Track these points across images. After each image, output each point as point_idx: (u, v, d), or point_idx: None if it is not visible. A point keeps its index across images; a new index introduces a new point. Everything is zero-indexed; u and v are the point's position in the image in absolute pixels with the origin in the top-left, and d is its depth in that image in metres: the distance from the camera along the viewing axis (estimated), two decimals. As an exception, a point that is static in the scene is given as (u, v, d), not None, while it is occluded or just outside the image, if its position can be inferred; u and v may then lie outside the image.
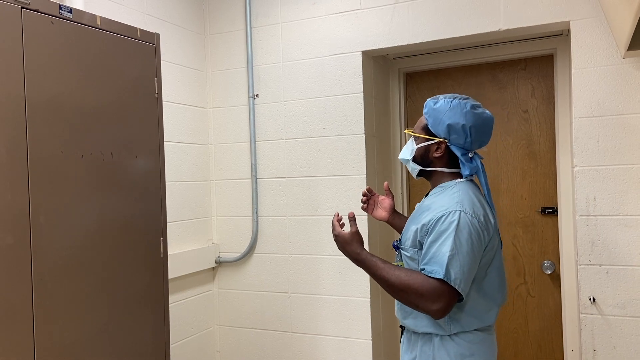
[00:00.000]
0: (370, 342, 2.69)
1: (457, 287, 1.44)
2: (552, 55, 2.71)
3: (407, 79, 3.06)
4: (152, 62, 1.99)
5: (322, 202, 2.79)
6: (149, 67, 1.97)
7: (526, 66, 2.79)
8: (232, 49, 2.99)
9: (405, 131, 2.86)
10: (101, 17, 1.77)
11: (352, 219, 1.63)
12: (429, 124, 1.63)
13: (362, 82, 2.69)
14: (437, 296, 1.44)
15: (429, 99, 1.67)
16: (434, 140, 1.63)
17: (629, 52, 2.10)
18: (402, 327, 1.72)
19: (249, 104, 2.93)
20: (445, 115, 1.59)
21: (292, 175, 2.85)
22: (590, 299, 2.28)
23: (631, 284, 2.23)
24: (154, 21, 2.67)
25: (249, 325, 2.98)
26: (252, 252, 2.96)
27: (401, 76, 3.04)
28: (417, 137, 1.68)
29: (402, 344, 1.72)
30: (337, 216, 1.67)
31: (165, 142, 2.11)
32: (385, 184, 1.95)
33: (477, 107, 1.61)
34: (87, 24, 1.72)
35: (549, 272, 2.74)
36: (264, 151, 2.92)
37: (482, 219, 1.52)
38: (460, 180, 1.62)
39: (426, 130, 1.65)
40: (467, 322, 1.54)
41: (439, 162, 1.65)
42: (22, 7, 1.52)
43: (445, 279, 1.43)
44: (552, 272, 2.73)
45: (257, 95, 2.93)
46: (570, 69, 2.39)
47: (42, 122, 1.57)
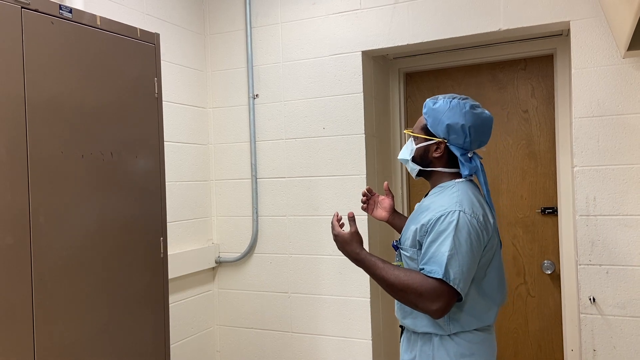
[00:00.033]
0: (370, 342, 2.70)
1: (456, 286, 1.44)
2: (552, 55, 2.71)
3: (407, 79, 3.06)
4: (152, 62, 1.99)
5: (322, 202, 2.79)
6: (149, 67, 1.97)
7: (526, 66, 2.79)
8: (232, 49, 2.99)
9: (404, 131, 2.86)
10: (101, 17, 1.77)
11: (351, 219, 1.63)
12: (428, 124, 1.63)
13: (362, 82, 2.69)
14: (436, 296, 1.44)
15: (428, 99, 1.67)
16: (433, 140, 1.63)
17: (629, 52, 2.10)
18: (402, 326, 1.72)
19: (249, 104, 2.93)
20: (444, 115, 1.59)
21: (292, 175, 2.85)
22: (590, 299, 2.28)
23: (631, 284, 2.23)
24: (154, 21, 2.67)
25: (249, 325, 2.98)
26: (252, 252, 2.96)
27: (401, 76, 3.04)
28: (416, 137, 1.68)
29: (401, 343, 1.72)
30: (337, 216, 1.67)
31: (165, 142, 2.12)
32: (385, 184, 1.95)
33: (476, 107, 1.61)
34: (87, 24, 1.72)
35: (549, 272, 2.74)
36: (264, 151, 2.92)
37: (481, 218, 1.53)
38: (459, 180, 1.62)
39: (425, 130, 1.65)
40: (466, 321, 1.54)
41: (438, 162, 1.65)
42: (22, 7, 1.52)
43: (444, 278, 1.44)
44: (552, 272, 2.73)
45: (257, 95, 2.93)
46: (570, 69, 2.39)
47: (42, 122, 1.57)
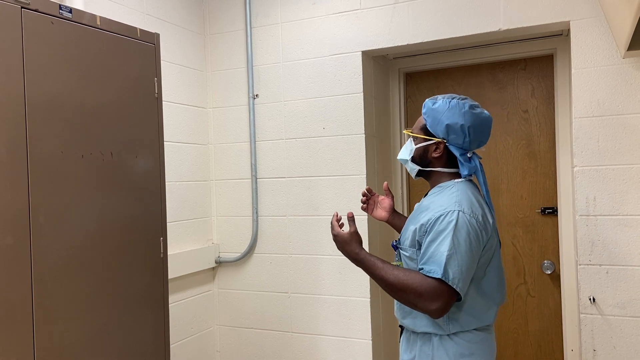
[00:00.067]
0: (370, 342, 2.70)
1: (455, 286, 1.44)
2: (552, 55, 2.71)
3: (407, 79, 3.06)
4: (152, 62, 1.99)
5: (322, 202, 2.79)
6: (149, 67, 1.97)
7: (526, 66, 2.79)
8: (232, 49, 2.99)
9: (404, 131, 2.86)
10: (101, 17, 1.77)
11: (350, 219, 1.63)
12: (428, 124, 1.63)
13: (362, 82, 2.69)
14: (435, 295, 1.44)
15: (427, 99, 1.67)
16: (432, 140, 1.63)
17: (629, 52, 2.10)
18: (402, 326, 1.72)
19: (249, 104, 2.93)
20: (443, 115, 1.59)
21: (292, 175, 2.85)
22: (590, 299, 2.28)
23: (631, 284, 2.23)
24: (154, 21, 2.67)
25: (249, 325, 2.98)
26: (252, 252, 2.96)
27: (401, 76, 3.04)
28: (415, 137, 1.68)
29: (401, 343, 1.73)
30: (336, 216, 1.68)
31: (165, 142, 2.12)
32: (384, 184, 1.95)
33: (475, 107, 1.61)
34: (87, 24, 1.72)
35: (549, 272, 2.74)
36: (264, 151, 2.92)
37: (480, 218, 1.53)
38: (458, 180, 1.62)
39: (425, 130, 1.65)
40: (466, 321, 1.54)
41: (437, 162, 1.65)
42: (22, 7, 1.52)
43: (443, 278, 1.44)
44: (552, 272, 2.73)
45: (257, 95, 2.93)
46: (570, 69, 2.39)
47: (42, 122, 1.57)
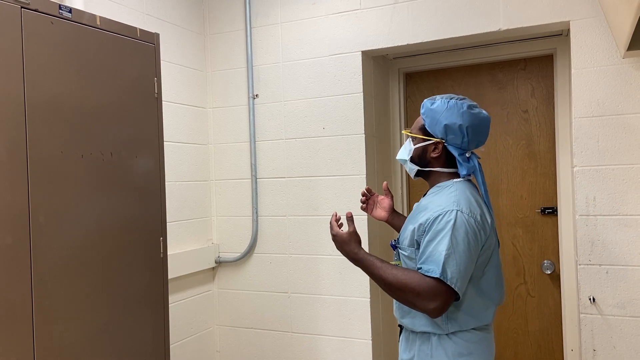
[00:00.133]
0: (370, 342, 2.70)
1: (453, 285, 1.44)
2: (552, 55, 2.71)
3: (407, 79, 3.06)
4: (152, 62, 1.99)
5: (322, 202, 2.79)
6: (148, 67, 1.97)
7: (526, 66, 2.79)
8: (232, 49, 2.99)
9: (402, 131, 2.86)
10: (101, 17, 1.77)
11: (349, 219, 1.63)
12: (426, 125, 1.63)
13: (361, 82, 2.69)
14: (433, 295, 1.44)
15: (426, 100, 1.67)
16: (431, 140, 1.63)
17: (629, 52, 2.09)
18: (401, 326, 1.72)
19: (249, 104, 2.93)
20: (442, 115, 1.59)
21: (292, 175, 2.85)
22: (590, 299, 2.28)
23: (631, 284, 2.23)
24: (154, 21, 2.68)
25: (249, 325, 2.98)
26: (252, 252, 2.96)
27: (401, 76, 3.04)
28: (414, 137, 1.69)
29: (400, 343, 1.73)
30: (335, 216, 1.68)
31: (165, 142, 2.12)
32: (384, 183, 1.95)
33: (473, 107, 1.61)
34: (86, 23, 1.72)
35: (549, 272, 2.74)
36: (263, 151, 2.92)
37: (478, 218, 1.53)
38: (457, 180, 1.62)
39: (423, 130, 1.65)
40: (464, 321, 1.54)
41: (436, 162, 1.65)
42: (21, 7, 1.53)
43: (441, 277, 1.44)
44: (552, 272, 2.73)
45: (257, 95, 2.93)
46: (570, 69, 2.39)
47: (42, 122, 1.57)
